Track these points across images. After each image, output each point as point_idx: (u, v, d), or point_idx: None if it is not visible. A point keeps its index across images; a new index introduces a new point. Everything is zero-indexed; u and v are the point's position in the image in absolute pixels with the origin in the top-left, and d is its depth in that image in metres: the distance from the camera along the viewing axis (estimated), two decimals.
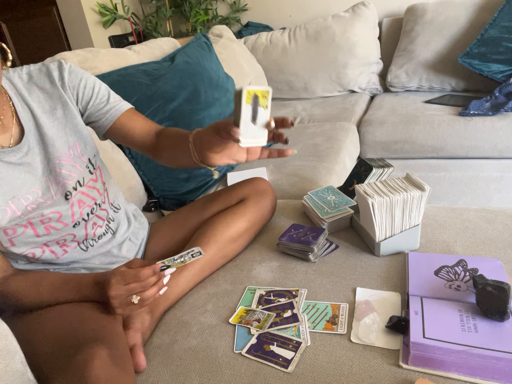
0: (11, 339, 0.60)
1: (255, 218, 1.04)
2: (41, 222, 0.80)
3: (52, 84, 0.84)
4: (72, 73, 0.86)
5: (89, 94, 0.87)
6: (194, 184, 1.48)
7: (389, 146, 1.87)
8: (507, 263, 0.86)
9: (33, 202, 0.78)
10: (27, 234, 0.79)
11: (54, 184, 0.82)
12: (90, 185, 0.87)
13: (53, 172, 0.81)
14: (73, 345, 0.64)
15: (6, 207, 0.75)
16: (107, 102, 0.89)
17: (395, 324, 0.72)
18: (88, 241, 0.89)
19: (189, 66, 1.60)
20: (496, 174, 1.77)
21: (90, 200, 0.87)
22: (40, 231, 0.80)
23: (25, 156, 0.78)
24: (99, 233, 0.91)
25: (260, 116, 0.61)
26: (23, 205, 0.77)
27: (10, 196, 0.75)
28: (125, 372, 0.64)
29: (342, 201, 1.10)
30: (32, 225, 0.79)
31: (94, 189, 0.88)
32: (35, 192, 0.78)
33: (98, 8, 2.61)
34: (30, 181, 0.78)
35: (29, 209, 0.78)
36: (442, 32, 2.05)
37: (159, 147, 0.90)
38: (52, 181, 0.81)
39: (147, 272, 0.70)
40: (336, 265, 0.94)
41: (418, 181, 0.90)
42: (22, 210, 0.76)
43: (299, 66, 2.35)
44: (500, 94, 1.78)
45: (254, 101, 0.60)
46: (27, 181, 0.78)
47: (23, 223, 0.78)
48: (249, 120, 0.61)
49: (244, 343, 0.77)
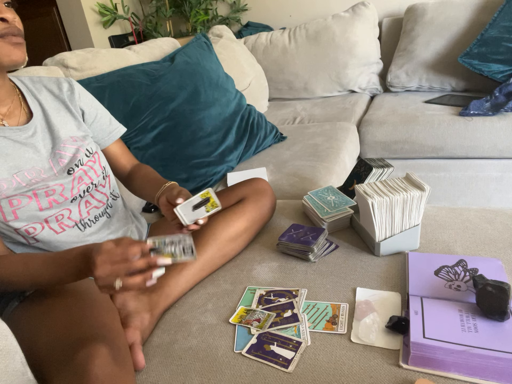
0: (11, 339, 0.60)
1: (255, 217, 1.04)
2: (46, 194, 0.83)
3: (60, 91, 0.94)
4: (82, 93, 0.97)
5: (92, 114, 0.98)
6: (194, 184, 1.48)
7: (389, 146, 1.88)
8: (507, 263, 0.86)
9: (37, 177, 0.83)
10: (31, 206, 0.81)
11: (57, 165, 0.87)
12: (89, 164, 0.92)
13: (57, 155, 0.87)
14: (73, 343, 0.64)
15: (12, 179, 0.79)
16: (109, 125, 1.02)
17: (395, 324, 0.72)
18: (85, 221, 0.90)
19: (189, 66, 1.60)
20: (496, 174, 1.77)
21: (87, 178, 0.91)
22: (44, 203, 0.82)
23: (30, 138, 0.85)
24: (95, 214, 0.93)
25: (198, 211, 0.82)
26: (27, 178, 0.81)
27: (15, 170, 0.81)
28: (125, 370, 0.64)
29: (342, 201, 1.10)
30: (37, 197, 0.82)
31: (92, 169, 0.92)
32: (38, 170, 0.84)
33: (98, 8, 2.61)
34: (34, 161, 0.84)
35: (34, 182, 0.82)
36: (442, 32, 2.05)
37: (130, 179, 1.05)
38: (55, 163, 0.87)
39: (135, 250, 0.66)
40: (336, 265, 0.94)
41: (418, 181, 0.90)
42: (26, 181, 0.81)
43: (299, 66, 2.35)
44: (500, 94, 1.78)
45: (205, 200, 0.83)
46: (31, 160, 0.83)
47: (29, 193, 0.80)
48: (191, 205, 0.82)
49: (244, 343, 0.77)
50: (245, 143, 1.66)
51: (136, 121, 1.40)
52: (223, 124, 1.62)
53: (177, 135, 1.47)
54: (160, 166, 1.45)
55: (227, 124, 1.64)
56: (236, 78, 1.93)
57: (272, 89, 2.46)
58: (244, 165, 1.63)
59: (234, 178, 1.48)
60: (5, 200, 0.78)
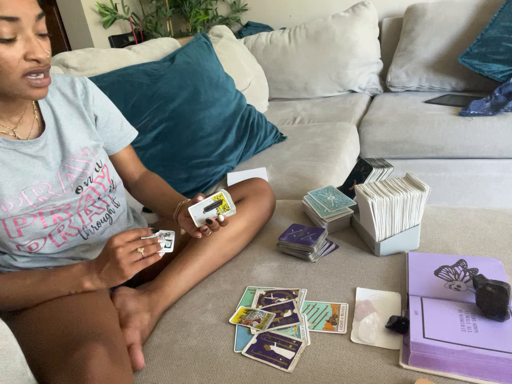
0: (11, 339, 0.60)
1: (254, 217, 1.04)
2: (51, 212, 0.81)
3: (74, 95, 0.89)
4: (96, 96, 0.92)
5: (104, 118, 0.94)
6: (194, 185, 1.48)
7: (389, 146, 1.88)
8: (507, 263, 0.86)
9: (44, 194, 0.81)
10: (36, 225, 0.80)
11: (65, 179, 0.84)
12: (97, 181, 0.90)
13: (66, 169, 0.84)
14: (71, 343, 0.64)
15: (19, 197, 0.77)
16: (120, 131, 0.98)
17: (395, 324, 0.72)
18: (88, 228, 0.90)
19: (189, 66, 1.60)
20: (496, 174, 1.77)
21: (95, 195, 0.90)
22: (48, 221, 0.82)
23: (41, 150, 0.81)
24: (97, 220, 0.92)
25: (209, 213, 0.82)
26: (34, 195, 0.79)
27: (23, 186, 0.78)
28: (123, 369, 0.64)
29: (342, 201, 1.10)
30: (42, 216, 0.80)
31: (101, 185, 0.90)
32: (45, 185, 0.81)
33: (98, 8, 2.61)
34: (42, 175, 0.81)
35: (41, 200, 0.80)
36: (442, 32, 2.05)
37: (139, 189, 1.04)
38: (63, 177, 0.84)
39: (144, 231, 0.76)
40: (336, 265, 0.94)
41: (418, 181, 0.90)
42: (34, 200, 0.79)
43: (299, 66, 2.35)
44: (500, 94, 1.78)
45: (217, 203, 0.82)
46: (39, 174, 0.80)
47: (34, 213, 0.79)
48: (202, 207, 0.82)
49: (244, 343, 0.77)
50: (245, 143, 1.66)
51: (136, 121, 1.40)
52: (223, 124, 1.62)
53: (177, 135, 1.47)
54: (160, 166, 1.45)
55: (227, 124, 1.64)
56: (236, 78, 1.93)
57: (272, 89, 2.46)
58: (244, 165, 1.63)
59: (234, 178, 1.48)
60: (10, 219, 0.77)
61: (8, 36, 0.66)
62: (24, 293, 0.76)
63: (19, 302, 0.77)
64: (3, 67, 0.67)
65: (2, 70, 0.68)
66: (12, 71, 0.68)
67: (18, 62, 0.68)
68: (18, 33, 0.67)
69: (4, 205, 0.75)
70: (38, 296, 0.77)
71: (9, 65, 0.67)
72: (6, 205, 0.76)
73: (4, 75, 0.68)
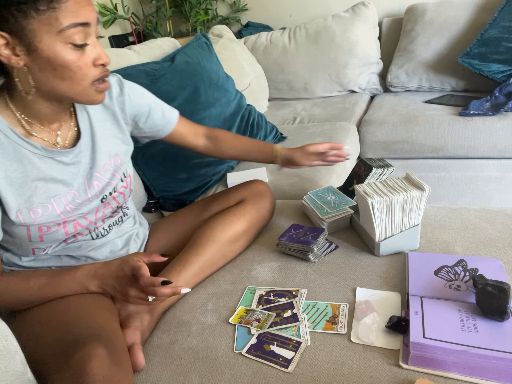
0: (11, 339, 0.60)
1: (254, 219, 1.04)
2: (73, 219, 0.82)
3: (111, 100, 0.89)
4: (132, 93, 0.92)
5: (145, 113, 0.95)
6: (194, 185, 1.48)
7: (389, 146, 1.87)
8: (507, 263, 0.86)
9: (71, 203, 0.81)
10: (58, 232, 0.80)
11: (92, 188, 0.85)
12: (120, 191, 0.91)
13: (94, 177, 0.85)
14: (71, 343, 0.64)
15: (48, 204, 0.77)
16: (162, 118, 1.00)
17: (395, 324, 0.72)
18: (99, 230, 0.90)
19: (189, 66, 1.60)
20: (496, 174, 1.77)
21: (115, 203, 0.91)
22: (70, 229, 0.82)
23: (75, 158, 0.82)
24: (109, 222, 0.92)
25: None
26: (62, 204, 0.79)
27: (54, 193, 0.78)
28: (123, 370, 0.64)
29: (342, 201, 1.10)
30: (65, 224, 0.81)
31: (122, 194, 0.92)
32: (73, 193, 0.81)
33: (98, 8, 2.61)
34: (71, 182, 0.81)
35: (68, 209, 0.80)
36: (442, 32, 2.05)
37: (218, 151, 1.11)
38: (90, 185, 0.84)
39: (166, 291, 0.74)
40: (336, 265, 0.94)
41: (418, 181, 0.90)
42: (61, 209, 0.79)
43: (299, 66, 2.35)
44: (500, 94, 1.78)
45: None
46: (69, 182, 0.81)
47: (59, 221, 0.79)
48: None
49: (244, 343, 0.77)
50: None
51: None
52: (223, 124, 1.62)
53: None
54: (160, 166, 1.45)
55: (227, 124, 1.64)
56: (236, 78, 1.93)
57: (272, 89, 2.46)
58: (244, 165, 1.63)
59: (234, 178, 1.48)
60: (35, 225, 0.77)
61: (81, 41, 0.68)
62: (27, 296, 0.77)
63: (21, 303, 0.78)
64: (77, 74, 0.68)
65: (75, 77, 0.68)
66: (84, 78, 0.69)
67: (90, 68, 0.70)
68: (87, 38, 0.69)
69: (33, 212, 0.76)
70: (41, 299, 0.77)
71: (82, 72, 0.69)
72: (34, 211, 0.76)
73: (76, 82, 0.69)
